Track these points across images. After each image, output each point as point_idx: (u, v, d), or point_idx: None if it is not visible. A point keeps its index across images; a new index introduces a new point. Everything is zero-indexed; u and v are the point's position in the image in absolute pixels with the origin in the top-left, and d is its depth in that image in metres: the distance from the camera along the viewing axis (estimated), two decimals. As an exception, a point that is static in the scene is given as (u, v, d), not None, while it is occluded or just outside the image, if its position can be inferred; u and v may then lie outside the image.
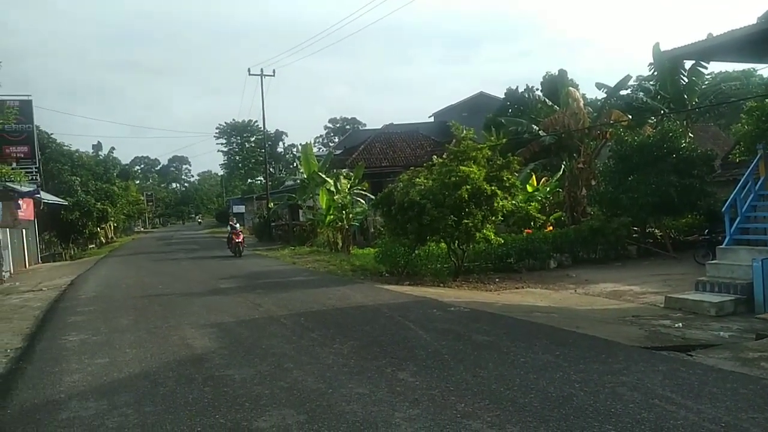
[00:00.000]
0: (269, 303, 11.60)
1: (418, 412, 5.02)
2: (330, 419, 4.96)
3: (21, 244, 26.42)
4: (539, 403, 5.06)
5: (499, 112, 33.50)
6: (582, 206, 20.69)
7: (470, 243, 14.74)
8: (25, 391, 6.45)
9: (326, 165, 29.23)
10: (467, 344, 7.39)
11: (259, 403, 5.49)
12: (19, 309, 13.18)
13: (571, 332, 7.98)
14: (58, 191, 35.31)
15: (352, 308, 10.62)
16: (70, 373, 7.07)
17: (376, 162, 33.98)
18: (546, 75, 34.69)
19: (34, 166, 26.22)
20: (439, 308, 10.22)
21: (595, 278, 13.88)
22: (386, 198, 15.37)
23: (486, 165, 14.74)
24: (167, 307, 11.83)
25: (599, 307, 10.54)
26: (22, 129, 25.42)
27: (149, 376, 6.72)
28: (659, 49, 22.27)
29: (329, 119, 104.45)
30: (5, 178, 10.79)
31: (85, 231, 37.13)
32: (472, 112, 41.69)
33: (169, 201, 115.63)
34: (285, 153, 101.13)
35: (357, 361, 6.81)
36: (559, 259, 16.69)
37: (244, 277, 16.82)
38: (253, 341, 8.23)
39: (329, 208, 24.77)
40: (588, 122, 21.25)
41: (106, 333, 9.44)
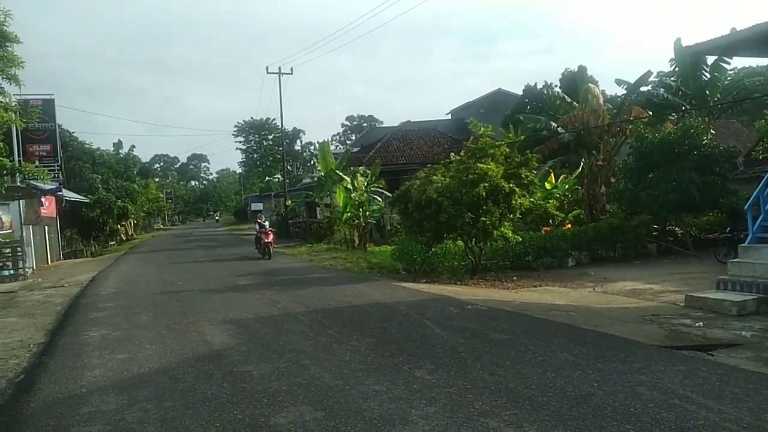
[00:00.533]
0: (287, 300, 11.66)
1: (435, 409, 5.01)
2: (347, 416, 4.98)
3: (43, 240, 26.88)
4: (557, 402, 5.03)
5: (517, 109, 33.33)
6: (601, 204, 20.48)
7: (488, 241, 14.68)
8: (47, 385, 6.56)
9: (343, 163, 29.30)
10: (484, 342, 7.37)
11: (277, 399, 5.52)
12: (42, 305, 13.41)
13: (590, 331, 7.92)
14: (79, 189, 35.85)
15: (369, 305, 10.63)
16: (92, 368, 7.18)
17: (393, 159, 33.97)
18: (565, 71, 34.47)
19: (56, 164, 26.58)
20: (456, 306, 10.20)
21: (614, 276, 13.74)
22: (403, 195, 15.35)
23: (504, 162, 14.65)
24: (186, 303, 11.96)
25: (618, 305, 10.44)
26: (44, 128, 25.79)
27: (168, 371, 6.80)
28: (681, 45, 21.94)
29: (346, 117, 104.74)
30: (29, 176, 10.97)
31: (105, 228, 37.61)
32: (489, 110, 41.48)
33: (188, 198, 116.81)
34: (302, 151, 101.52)
35: (374, 359, 6.82)
36: (578, 257, 16.54)
37: (261, 274, 16.93)
38: (271, 338, 8.29)
39: (346, 206, 24.83)
40: (607, 119, 21.02)
41: (126, 329, 9.56)
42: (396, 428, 4.66)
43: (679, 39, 22.37)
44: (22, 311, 12.57)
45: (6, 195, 17.24)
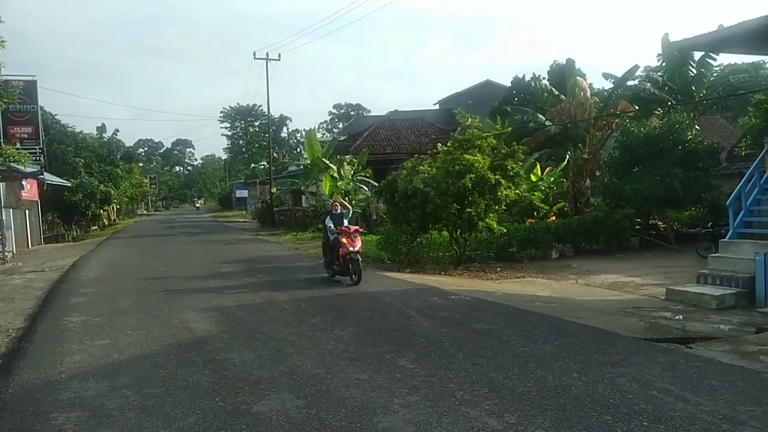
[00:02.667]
0: (270, 287, 11.62)
1: (417, 398, 5.03)
2: (329, 404, 4.98)
3: (24, 224, 26.51)
4: (538, 392, 5.08)
5: (505, 101, 33.31)
6: (585, 197, 20.59)
7: (473, 232, 14.72)
8: (26, 371, 6.49)
9: (330, 151, 29.21)
10: (467, 332, 7.40)
11: (259, 387, 5.51)
12: (22, 289, 13.24)
13: (571, 322, 7.98)
14: (61, 172, 35.32)
15: (354, 294, 10.64)
16: (72, 353, 7.12)
17: (380, 149, 33.88)
18: (553, 64, 34.40)
19: (38, 146, 26.18)
20: (440, 296, 10.23)
21: (596, 269, 13.86)
22: (390, 185, 15.33)
23: (491, 154, 14.67)
24: (169, 289, 11.88)
25: (600, 298, 10.53)
26: (26, 109, 25.37)
27: (150, 358, 6.76)
28: (668, 40, 22.00)
29: (334, 105, 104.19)
30: (10, 159, 10.80)
31: (88, 213, 37.17)
32: (477, 101, 41.45)
33: (172, 184, 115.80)
34: (289, 138, 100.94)
35: (357, 347, 6.83)
36: (561, 250, 16.65)
37: (245, 261, 16.86)
38: (254, 325, 8.27)
39: (332, 194, 24.76)
40: (594, 112, 21.10)
41: (107, 315, 9.48)
42: (378, 416, 4.68)
43: (667, 34, 22.51)
44: (0, 296, 12.40)
45: (-14, 177, 16.98)
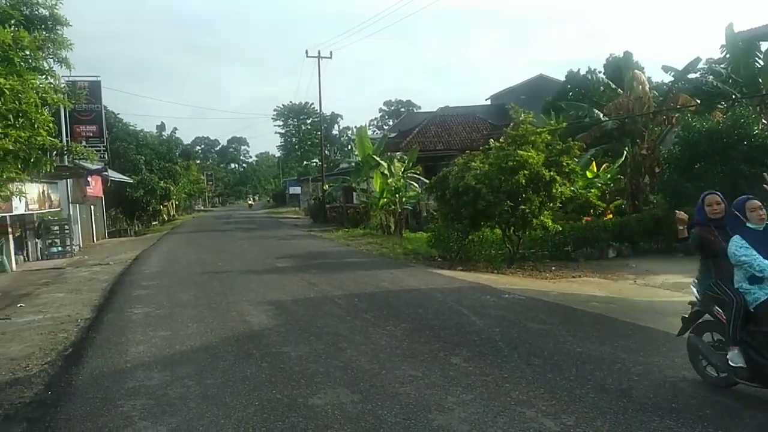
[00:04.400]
0: (324, 283, 11.78)
1: (471, 397, 5.01)
2: (383, 400, 5.02)
3: (89, 219, 27.76)
4: (596, 395, 4.97)
5: (558, 96, 32.60)
6: (644, 194, 19.97)
7: (526, 230, 14.49)
8: (94, 359, 6.81)
9: (380, 148, 29.27)
10: (522, 332, 7.31)
11: (314, 381, 5.61)
12: (88, 281, 13.87)
13: (630, 324, 7.77)
14: (123, 169, 36.76)
15: (405, 291, 10.66)
16: (136, 344, 7.42)
17: (430, 145, 33.75)
18: (609, 57, 33.54)
19: (101, 144, 27.28)
20: (493, 295, 10.14)
21: (656, 269, 13.42)
22: (441, 182, 15.26)
23: (545, 150, 14.39)
24: (226, 283, 12.20)
25: (660, 299, 10.20)
26: (91, 109, 26.45)
27: (209, 349, 6.97)
28: (733, 30, 21.06)
29: (384, 102, 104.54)
30: (79, 156, 11.35)
31: (148, 208, 38.56)
32: (530, 96, 40.73)
33: (228, 181, 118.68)
34: (340, 135, 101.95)
35: (410, 344, 6.85)
36: (619, 249, 16.19)
37: (299, 257, 17.13)
38: (309, 320, 8.40)
39: (383, 191, 24.86)
40: (653, 107, 20.42)
41: (168, 307, 9.83)
42: (432, 414, 4.68)
43: (731, 24, 21.44)
44: (69, 287, 13.03)
45: (55, 174, 17.83)
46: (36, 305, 10.83)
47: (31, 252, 19.69)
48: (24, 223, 19.02)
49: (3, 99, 7.39)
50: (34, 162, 8.63)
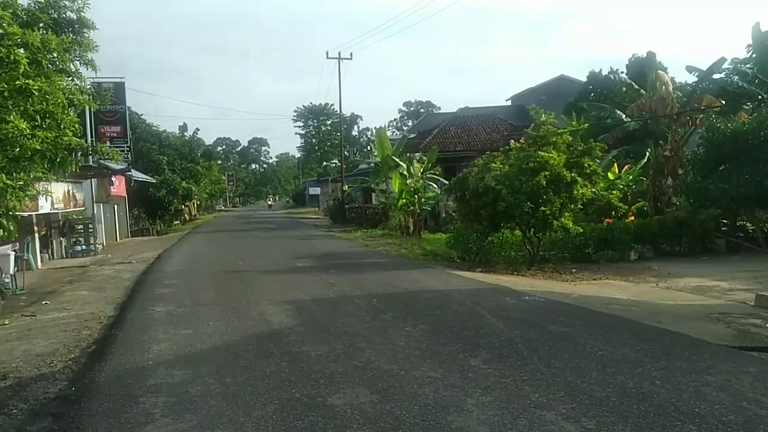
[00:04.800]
0: (343, 283, 11.82)
1: (490, 399, 4.99)
2: (402, 400, 5.02)
3: (113, 218, 28.20)
4: (617, 398, 4.92)
5: (580, 96, 32.33)
6: (667, 196, 19.71)
7: (547, 231, 14.40)
8: (117, 356, 6.91)
9: (400, 149, 29.29)
10: (542, 334, 7.26)
11: (334, 380, 5.63)
12: (111, 279, 14.08)
13: (652, 327, 7.67)
14: (146, 169, 37.26)
15: (424, 292, 10.65)
16: (158, 341, 7.51)
17: (450, 146, 33.67)
18: (632, 57, 33.14)
19: (125, 145, 27.68)
20: (513, 296, 10.08)
21: (678, 272, 13.24)
22: (460, 183, 15.23)
23: (566, 151, 14.29)
24: (247, 283, 12.31)
25: (683, 302, 10.06)
26: (115, 109, 26.90)
27: (230, 348, 7.04)
28: (759, 30, 20.72)
29: (403, 102, 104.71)
30: (104, 156, 11.56)
31: (170, 208, 39.02)
32: (551, 96, 40.45)
33: (248, 181, 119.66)
34: (359, 136, 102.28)
35: (429, 345, 6.85)
36: (641, 251, 16.00)
37: (319, 257, 17.20)
38: (328, 320, 8.44)
39: (401, 192, 24.87)
40: (677, 107, 20.15)
41: (190, 305, 9.94)
42: (451, 415, 4.68)
43: (758, 24, 21.09)
44: (93, 285, 13.24)
45: (80, 174, 18.13)
46: (60, 303, 11.03)
47: (56, 250, 20.05)
48: (49, 221, 19.37)
49: (31, 100, 7.53)
50: (60, 162, 8.78)
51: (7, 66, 7.26)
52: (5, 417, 5.15)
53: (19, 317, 9.69)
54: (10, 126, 7.20)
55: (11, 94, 7.36)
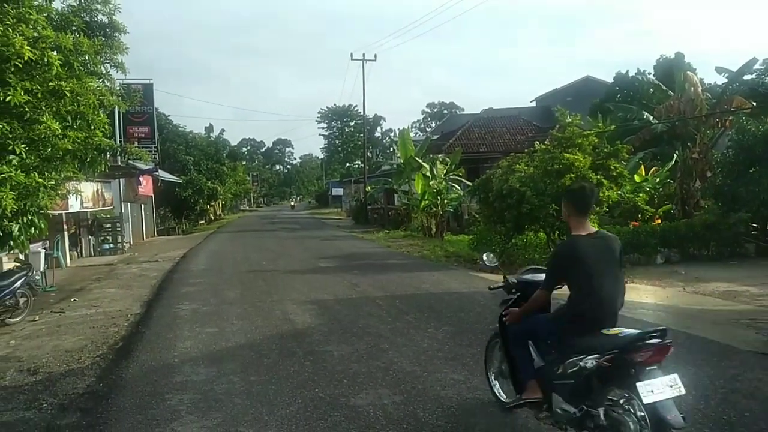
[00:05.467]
0: (366, 284, 11.85)
1: (514, 402, 4.95)
2: (425, 402, 5.02)
3: (140, 217, 28.66)
4: (643, 404, 4.84)
5: (606, 98, 31.97)
6: (695, 199, 19.38)
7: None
8: (143, 353, 7.03)
9: (423, 150, 29.27)
10: (566, 337, 7.18)
11: (357, 381, 5.65)
12: (138, 278, 14.32)
13: (679, 332, 7.52)
14: (173, 170, 37.77)
15: (447, 294, 10.62)
16: (183, 339, 7.62)
17: (473, 147, 33.53)
18: (660, 58, 32.65)
19: (153, 145, 28.08)
20: (537, 299, 9.98)
21: (706, 276, 12.99)
22: (484, 184, 15.17)
23: (592, 153, 14.13)
24: (270, 282, 12.42)
25: (711, 307, 9.88)
26: (143, 111, 27.28)
27: (254, 347, 7.11)
28: (793, 30, 20.24)
29: (427, 104, 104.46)
30: (133, 156, 11.80)
31: (196, 207, 39.52)
32: (577, 97, 40.04)
33: (272, 182, 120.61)
34: (382, 138, 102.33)
35: (451, 347, 6.83)
36: (667, 255, 15.73)
37: (342, 257, 17.27)
38: (351, 320, 8.47)
39: (424, 193, 24.83)
40: (706, 109, 19.80)
41: (215, 304, 10.06)
42: (475, 418, 4.67)
43: (792, 23, 20.64)
44: (120, 283, 13.48)
45: (109, 173, 18.47)
46: (89, 300, 11.25)
47: (85, 248, 20.45)
48: (78, 220, 19.77)
49: (63, 101, 7.71)
50: (90, 162, 8.96)
51: (41, 68, 7.43)
52: (36, 411, 5.28)
53: (48, 313, 9.91)
54: (43, 126, 7.37)
55: (44, 96, 7.54)
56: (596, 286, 3.87)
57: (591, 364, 3.54)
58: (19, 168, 7.24)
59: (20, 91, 6.98)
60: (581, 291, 3.92)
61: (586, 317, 3.86)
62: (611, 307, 3.95)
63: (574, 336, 3.85)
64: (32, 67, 7.35)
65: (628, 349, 3.40)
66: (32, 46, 7.11)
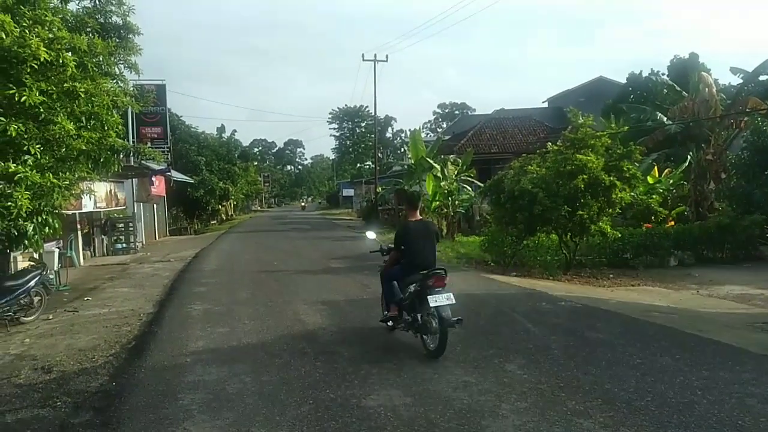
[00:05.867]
0: (376, 284, 11.64)
1: (526, 405, 4.94)
2: (436, 404, 5.01)
3: (152, 217, 28.83)
4: (657, 408, 4.81)
5: (619, 98, 31.74)
6: (709, 201, 19.20)
7: (584, 236, 14.15)
8: (156, 353, 7.07)
9: (434, 151, 29.18)
10: (579, 340, 7.15)
11: (367, 382, 5.65)
12: (150, 277, 14.40)
13: (693, 335, 7.48)
14: (185, 170, 37.92)
15: (458, 297, 10.52)
16: (195, 339, 7.66)
17: (485, 148, 33.43)
18: (674, 58, 32.44)
19: (165, 146, 28.21)
20: (549, 302, 9.94)
21: (720, 279, 12.88)
22: (496, 185, 15.10)
23: (605, 154, 14.02)
24: (282, 282, 12.45)
25: (725, 310, 9.79)
26: (156, 111, 27.38)
27: (265, 347, 7.13)
28: (810, 30, 20.01)
29: (438, 104, 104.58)
30: (147, 157, 11.89)
31: (208, 208, 39.68)
32: (589, 98, 39.80)
33: (283, 182, 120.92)
34: (393, 138, 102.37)
35: (463, 349, 6.80)
36: (681, 257, 15.60)
37: (353, 258, 17.27)
38: (362, 321, 8.48)
39: (435, 194, 24.75)
40: (720, 110, 19.62)
41: (226, 304, 10.10)
42: (486, 420, 4.64)
43: (809, 23, 20.41)
44: (133, 282, 13.57)
45: (122, 174, 18.60)
46: (101, 299, 11.33)
47: (98, 248, 20.61)
48: (92, 220, 19.92)
49: (78, 102, 7.79)
50: (103, 162, 9.04)
51: (56, 69, 7.51)
52: (50, 409, 5.32)
53: (62, 312, 9.99)
54: (58, 127, 7.44)
55: (59, 96, 7.62)
56: (418, 249, 6.92)
57: (413, 288, 6.70)
58: (34, 168, 7.31)
59: (35, 92, 7.06)
60: (411, 252, 6.93)
61: (413, 265, 6.85)
62: (427, 260, 6.90)
63: (408, 275, 6.87)
64: (47, 68, 7.42)
65: (425, 279, 6.49)
66: (48, 47, 7.19)
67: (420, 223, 7.22)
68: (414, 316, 6.62)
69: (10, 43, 6.94)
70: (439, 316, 6.22)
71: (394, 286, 7.00)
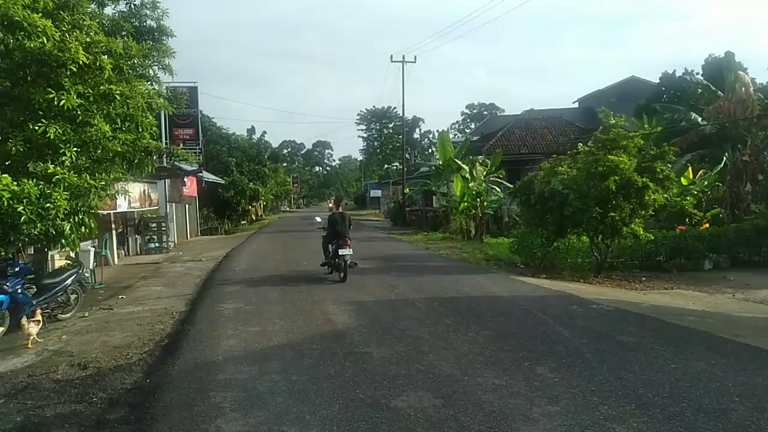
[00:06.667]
0: (404, 286, 11.84)
1: (557, 409, 4.89)
2: (466, 406, 4.99)
3: (184, 217, 29.30)
4: (692, 414, 4.71)
5: (652, 98, 31.20)
6: (745, 203, 18.74)
7: (616, 238, 13.93)
8: (188, 351, 7.18)
9: (462, 151, 29.08)
10: (611, 344, 7.04)
11: (397, 383, 5.66)
12: (182, 276, 14.64)
13: (729, 340, 7.31)
14: (216, 171, 38.48)
15: (487, 298, 10.52)
16: (227, 338, 7.76)
17: (514, 149, 33.19)
18: (708, 58, 31.70)
19: (197, 147, 28.64)
20: (580, 305, 9.81)
21: (757, 283, 12.56)
22: (525, 186, 14.96)
23: (637, 155, 13.78)
24: (311, 282, 12.53)
25: (762, 315, 9.54)
26: (188, 113, 27.80)
27: (295, 346, 7.19)
28: None
29: (466, 105, 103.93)
30: (180, 158, 12.13)
31: (238, 208, 40.15)
32: (621, 98, 39.22)
33: (312, 183, 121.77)
34: (421, 139, 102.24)
35: (492, 352, 6.76)
36: (716, 260, 15.24)
37: (380, 259, 17.31)
38: (390, 322, 8.48)
39: (463, 195, 24.64)
40: (758, 110, 19.13)
41: (256, 303, 10.21)
42: (516, 423, 4.61)
43: None
44: (165, 281, 13.81)
45: (155, 174, 18.95)
46: (135, 297, 11.57)
47: (131, 247, 21.03)
48: (126, 219, 20.33)
49: (114, 104, 7.97)
50: (137, 163, 9.24)
51: (93, 72, 7.70)
52: (87, 405, 5.45)
53: (97, 310, 10.23)
54: (94, 129, 7.63)
55: (96, 99, 7.81)
56: (338, 227, 13.12)
57: (331, 247, 13.16)
58: (71, 169, 7.50)
59: (74, 95, 7.25)
60: (333, 228, 13.17)
61: (334, 235, 13.09)
62: (341, 233, 12.94)
63: (332, 242, 13.11)
64: (85, 72, 7.61)
65: (338, 241, 12.91)
66: (86, 50, 7.37)
67: (339, 214, 13.69)
68: (334, 261, 12.88)
69: (51, 47, 7.14)
70: (344, 260, 12.53)
71: (327, 246, 13.37)
